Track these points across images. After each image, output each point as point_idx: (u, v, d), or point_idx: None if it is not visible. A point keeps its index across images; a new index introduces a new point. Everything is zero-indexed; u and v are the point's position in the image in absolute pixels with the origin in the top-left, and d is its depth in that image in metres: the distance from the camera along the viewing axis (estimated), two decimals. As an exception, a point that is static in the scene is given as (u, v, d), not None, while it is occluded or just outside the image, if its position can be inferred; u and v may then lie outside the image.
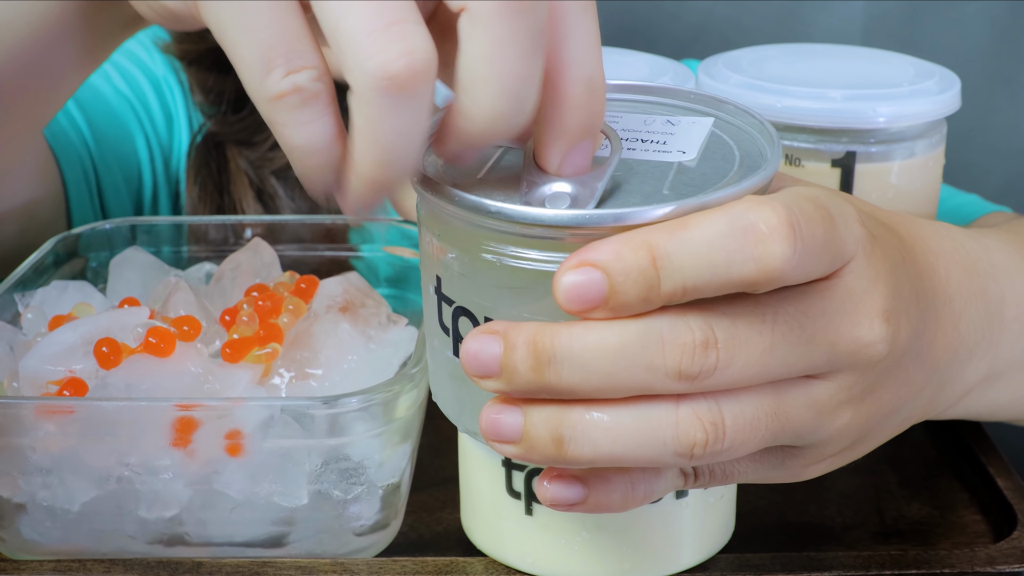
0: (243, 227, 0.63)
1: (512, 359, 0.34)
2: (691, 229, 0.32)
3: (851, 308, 0.35)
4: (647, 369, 0.33)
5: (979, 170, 1.12)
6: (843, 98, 0.52)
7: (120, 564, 0.47)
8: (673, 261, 0.32)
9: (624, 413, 0.34)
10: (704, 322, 0.33)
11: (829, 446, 0.38)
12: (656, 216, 0.33)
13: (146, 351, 0.48)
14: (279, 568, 0.47)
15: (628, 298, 0.32)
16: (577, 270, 0.32)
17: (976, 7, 1.08)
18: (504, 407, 0.35)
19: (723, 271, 0.32)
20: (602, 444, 0.34)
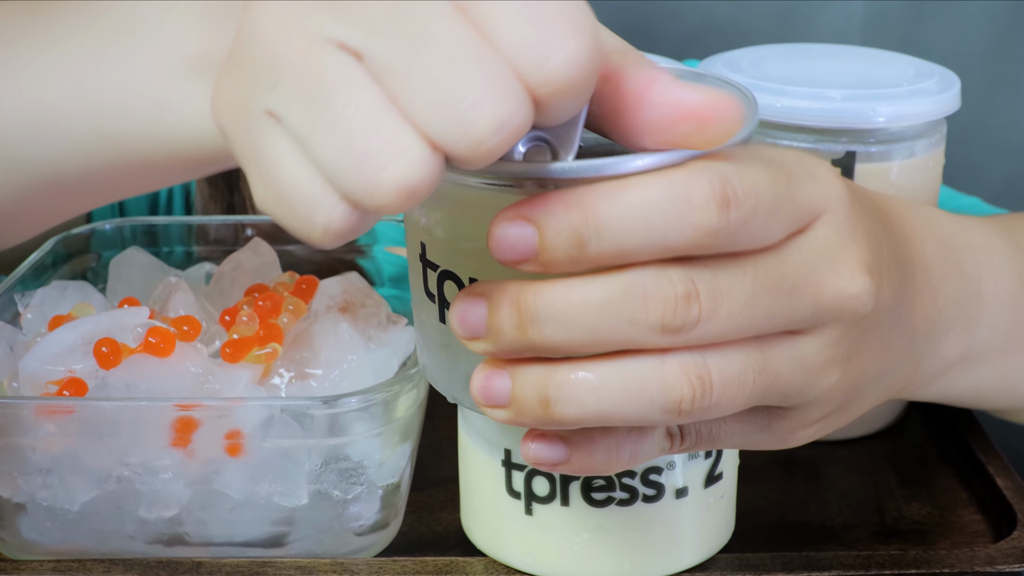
0: (243, 227, 0.63)
1: (497, 319, 0.34)
2: (629, 191, 0.32)
3: (831, 259, 0.35)
4: (631, 324, 0.33)
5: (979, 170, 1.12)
6: (843, 98, 0.52)
7: (120, 564, 0.47)
8: (609, 222, 0.32)
9: (610, 371, 0.34)
10: (685, 275, 0.33)
11: (816, 408, 0.38)
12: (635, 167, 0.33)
13: (146, 351, 0.48)
14: (279, 568, 0.47)
15: (557, 255, 0.32)
16: (511, 222, 0.33)
17: (976, 7, 1.08)
18: (493, 372, 0.35)
19: (660, 236, 0.32)
20: (589, 403, 0.34)
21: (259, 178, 0.34)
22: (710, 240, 0.32)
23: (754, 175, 0.33)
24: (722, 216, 0.32)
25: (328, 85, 0.31)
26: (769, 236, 0.34)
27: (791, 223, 0.35)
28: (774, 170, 0.34)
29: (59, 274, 0.60)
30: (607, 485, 0.44)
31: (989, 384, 0.48)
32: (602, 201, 0.32)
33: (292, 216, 0.33)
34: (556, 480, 0.45)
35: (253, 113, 0.33)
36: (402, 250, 0.63)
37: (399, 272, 0.63)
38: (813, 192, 0.35)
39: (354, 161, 0.30)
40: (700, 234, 0.32)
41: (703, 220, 0.32)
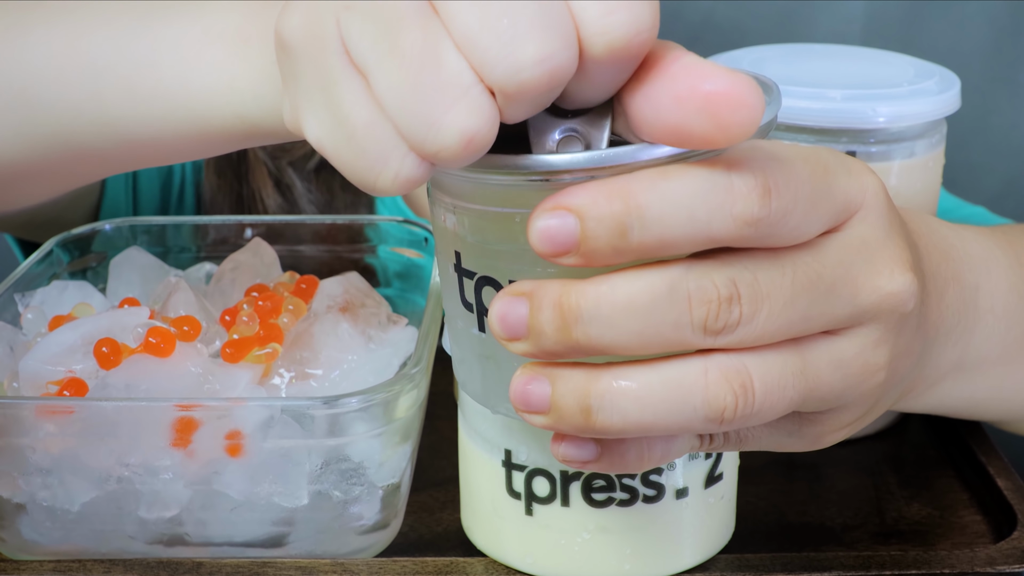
0: (244, 227, 0.63)
1: (539, 320, 0.33)
2: (671, 180, 0.32)
3: (869, 257, 0.35)
4: (675, 326, 0.33)
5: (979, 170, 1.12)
6: (843, 98, 0.52)
7: (120, 564, 0.47)
8: (652, 211, 0.32)
9: (653, 379, 0.33)
10: (727, 276, 0.33)
11: (850, 411, 0.37)
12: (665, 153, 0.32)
13: (146, 351, 0.48)
14: (279, 568, 0.47)
15: (600, 244, 0.32)
16: (551, 213, 0.32)
17: (976, 7, 1.08)
18: (532, 377, 0.34)
19: (702, 225, 0.32)
20: (631, 413, 0.33)
21: (328, 113, 0.34)
22: (751, 231, 0.32)
23: (793, 166, 0.33)
24: (764, 206, 0.32)
25: (397, 16, 0.31)
26: (808, 230, 0.34)
27: (829, 217, 0.34)
28: (812, 163, 0.34)
29: (59, 274, 0.60)
30: (607, 485, 0.44)
31: (982, 395, 0.48)
32: (644, 189, 0.32)
33: (361, 159, 0.33)
34: (556, 480, 0.45)
35: (328, 40, 0.33)
36: (407, 251, 0.63)
37: (404, 271, 0.63)
38: (849, 187, 0.35)
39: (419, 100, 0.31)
40: (742, 224, 0.32)
41: (745, 210, 0.32)
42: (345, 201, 0.78)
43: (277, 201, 0.77)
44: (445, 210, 0.38)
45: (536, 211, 0.32)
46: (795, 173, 0.33)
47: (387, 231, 0.63)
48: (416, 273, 0.62)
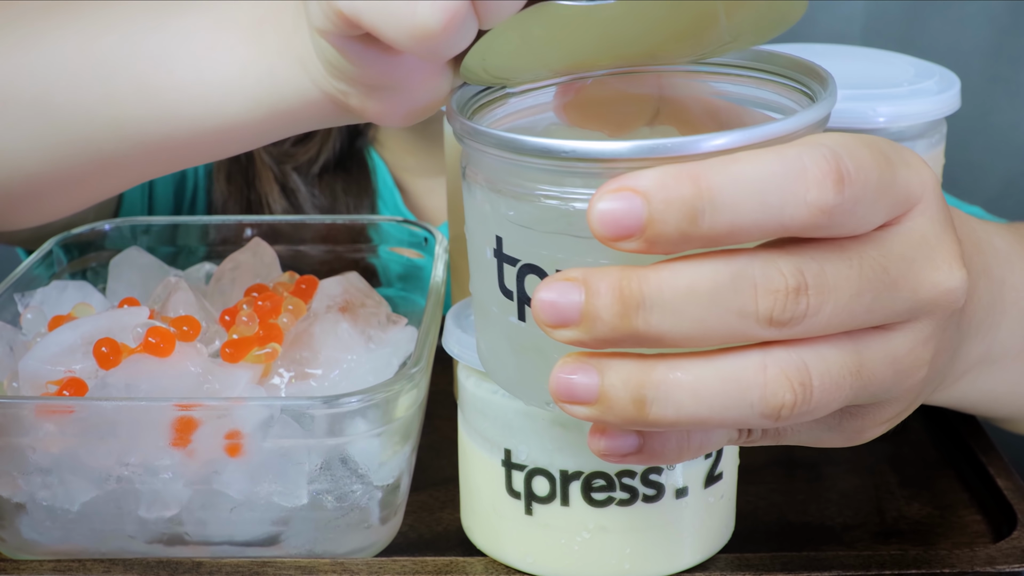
0: (244, 227, 0.63)
1: (595, 305, 0.32)
2: (743, 165, 0.31)
3: (928, 252, 0.34)
4: (739, 315, 0.32)
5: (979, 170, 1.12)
6: (843, 98, 0.52)
7: (120, 564, 0.47)
8: (722, 195, 0.31)
9: (710, 371, 0.32)
10: (795, 266, 0.32)
11: (893, 406, 0.37)
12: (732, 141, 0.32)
13: (146, 351, 0.48)
14: (279, 568, 0.47)
15: (667, 228, 0.31)
16: (616, 194, 0.31)
17: (976, 7, 1.08)
18: (579, 366, 0.33)
19: (776, 212, 0.31)
20: (687, 405, 0.32)
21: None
22: (824, 219, 0.31)
23: (861, 154, 0.32)
24: (838, 193, 0.31)
25: None
26: (873, 220, 0.33)
27: (893, 208, 0.34)
28: (875, 152, 0.33)
29: (59, 274, 0.60)
30: (607, 485, 0.44)
31: (1003, 388, 0.47)
32: (715, 173, 0.31)
33: None
34: (556, 480, 0.45)
35: None
36: (407, 251, 0.63)
37: (404, 271, 0.63)
38: (910, 178, 0.34)
39: None
40: (815, 212, 0.31)
41: (820, 197, 0.31)
42: (348, 204, 0.78)
43: (283, 205, 0.77)
44: (486, 191, 0.37)
45: (599, 192, 0.31)
46: (864, 160, 0.32)
47: (388, 231, 0.63)
48: (416, 273, 0.62)
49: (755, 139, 0.32)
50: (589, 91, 0.42)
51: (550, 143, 0.33)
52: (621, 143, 0.32)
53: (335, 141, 0.79)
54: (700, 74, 0.42)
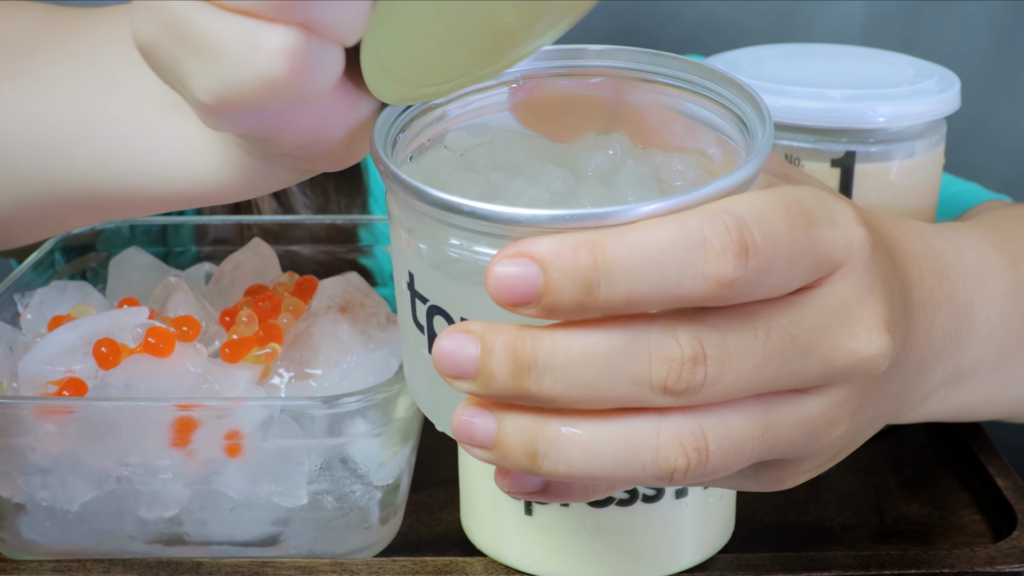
0: (244, 227, 0.63)
1: (489, 363, 0.32)
2: (641, 233, 0.30)
3: (847, 319, 0.33)
4: (632, 382, 0.31)
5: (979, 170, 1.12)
6: (842, 98, 0.52)
7: (120, 564, 0.47)
8: (619, 266, 0.30)
9: (603, 431, 0.32)
10: (693, 336, 0.31)
11: (811, 460, 0.36)
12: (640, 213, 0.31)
13: (145, 351, 0.48)
14: (279, 568, 0.47)
15: (563, 298, 0.30)
16: (513, 260, 0.31)
17: (976, 7, 1.08)
18: (478, 411, 0.33)
19: (673, 283, 0.30)
20: (578, 462, 0.32)
21: None
22: (726, 291, 0.31)
23: (773, 219, 0.31)
24: (739, 265, 0.30)
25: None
26: (785, 286, 0.32)
27: (809, 272, 0.33)
28: (793, 213, 0.32)
29: (59, 274, 0.60)
30: (607, 485, 0.44)
31: (976, 400, 0.47)
32: (613, 243, 0.30)
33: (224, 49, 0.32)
34: (556, 480, 0.45)
35: None
36: None
37: None
38: (833, 241, 0.33)
39: None
40: (715, 284, 0.30)
41: (719, 269, 0.30)
42: (340, 203, 0.78)
43: (272, 206, 0.77)
44: (401, 226, 0.37)
45: (497, 256, 0.31)
46: (775, 228, 0.31)
47: (383, 231, 0.63)
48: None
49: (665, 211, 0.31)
50: (543, 92, 0.42)
51: (452, 200, 0.32)
52: (523, 210, 0.32)
53: None
54: (658, 85, 0.41)
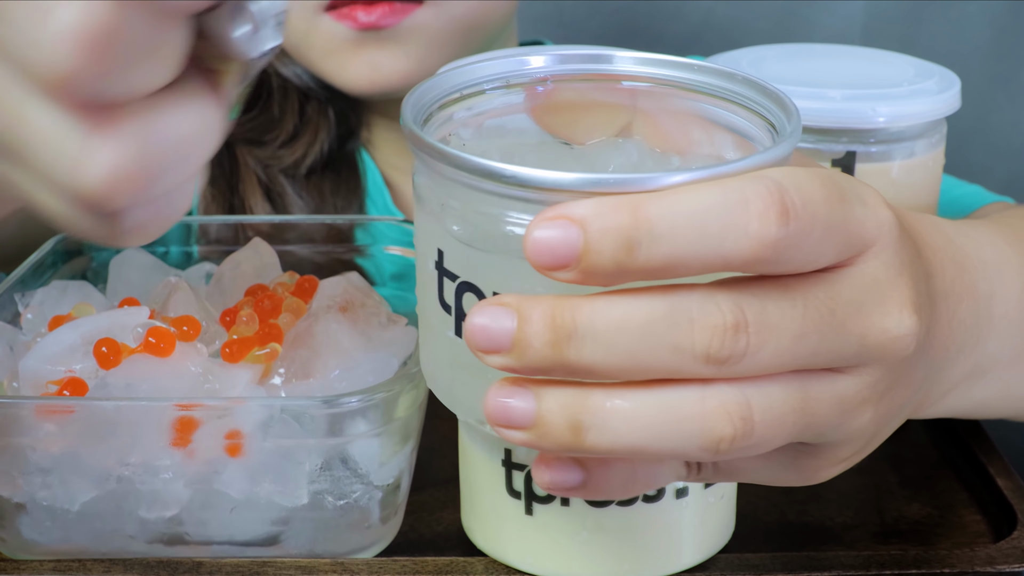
0: (244, 227, 0.63)
1: (527, 333, 0.31)
2: (682, 195, 0.30)
3: (880, 297, 0.33)
4: (674, 350, 0.31)
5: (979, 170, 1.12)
6: (843, 98, 0.52)
7: (120, 564, 0.47)
8: (660, 225, 0.30)
9: (648, 401, 0.32)
10: (734, 303, 0.31)
11: (846, 447, 0.37)
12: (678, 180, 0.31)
13: (146, 351, 0.48)
14: (279, 568, 0.47)
15: (603, 259, 0.30)
16: (552, 222, 0.30)
17: (976, 7, 1.08)
18: (515, 389, 0.33)
19: (715, 244, 0.30)
20: (623, 433, 0.32)
21: None
22: (767, 253, 0.31)
23: (811, 188, 0.32)
24: (781, 226, 0.30)
25: None
26: (821, 259, 0.32)
27: (843, 248, 0.33)
28: (829, 187, 0.32)
29: (59, 274, 0.60)
30: (607, 485, 0.44)
31: (995, 396, 0.47)
32: (654, 203, 0.30)
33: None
34: (556, 480, 0.45)
35: None
36: (402, 249, 0.63)
37: (400, 271, 0.63)
38: (865, 218, 0.33)
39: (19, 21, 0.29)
40: (758, 245, 0.30)
41: (762, 229, 0.30)
42: (335, 205, 0.78)
43: (266, 210, 0.77)
44: (432, 203, 0.37)
45: (535, 219, 0.31)
46: (813, 196, 0.31)
47: (382, 231, 0.63)
48: (412, 273, 0.62)
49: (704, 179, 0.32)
50: (560, 95, 0.42)
51: (490, 164, 0.32)
52: (563, 173, 0.32)
53: (323, 143, 0.79)
54: (676, 89, 0.41)
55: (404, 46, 0.71)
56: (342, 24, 0.70)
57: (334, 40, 0.71)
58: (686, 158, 0.40)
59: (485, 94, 0.41)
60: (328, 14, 0.71)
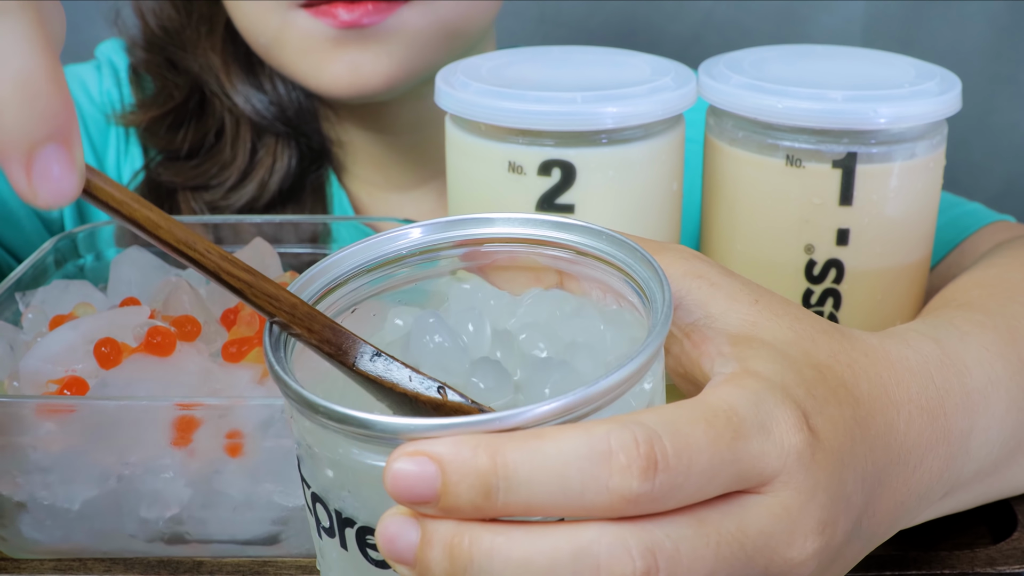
0: (244, 227, 0.63)
1: (426, 556, 0.31)
2: (545, 442, 0.30)
3: (788, 527, 0.33)
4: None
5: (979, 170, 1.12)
6: (844, 99, 0.52)
7: (121, 563, 0.47)
8: (520, 472, 0.29)
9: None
10: (646, 548, 0.30)
11: None
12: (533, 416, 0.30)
13: (147, 350, 0.48)
14: (279, 567, 0.47)
15: (460, 501, 0.30)
16: (411, 458, 0.30)
17: (976, 7, 1.09)
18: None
19: (575, 495, 0.30)
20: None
21: None
22: (630, 507, 0.30)
23: (690, 432, 0.31)
24: (645, 481, 0.30)
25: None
26: (702, 497, 0.31)
27: (734, 482, 0.32)
28: (718, 425, 0.31)
29: (59, 274, 0.60)
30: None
31: (969, 500, 0.46)
32: (513, 448, 0.30)
33: None
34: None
35: None
36: None
37: None
38: (764, 452, 0.32)
39: None
40: (618, 500, 0.30)
41: (622, 484, 0.29)
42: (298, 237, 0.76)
43: None
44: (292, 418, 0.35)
45: (396, 452, 0.30)
46: (691, 442, 0.30)
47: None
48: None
49: (569, 407, 0.31)
50: (502, 258, 0.41)
51: (348, 412, 0.31)
52: (417, 420, 0.31)
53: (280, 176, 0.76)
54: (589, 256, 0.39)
55: (387, 46, 0.67)
56: (320, 21, 0.66)
57: (310, 39, 0.67)
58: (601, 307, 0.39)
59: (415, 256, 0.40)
60: (305, 10, 0.67)
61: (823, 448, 0.34)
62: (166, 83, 0.78)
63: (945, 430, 0.41)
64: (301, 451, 0.35)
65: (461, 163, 0.54)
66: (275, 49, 0.70)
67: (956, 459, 0.41)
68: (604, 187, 0.51)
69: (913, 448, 0.39)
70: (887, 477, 0.38)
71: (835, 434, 0.35)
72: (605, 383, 0.31)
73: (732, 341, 0.36)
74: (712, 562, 0.31)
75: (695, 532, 0.31)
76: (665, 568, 0.30)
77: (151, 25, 0.79)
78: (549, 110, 0.50)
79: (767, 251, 0.55)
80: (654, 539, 0.30)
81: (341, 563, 0.36)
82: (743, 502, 0.32)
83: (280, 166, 0.76)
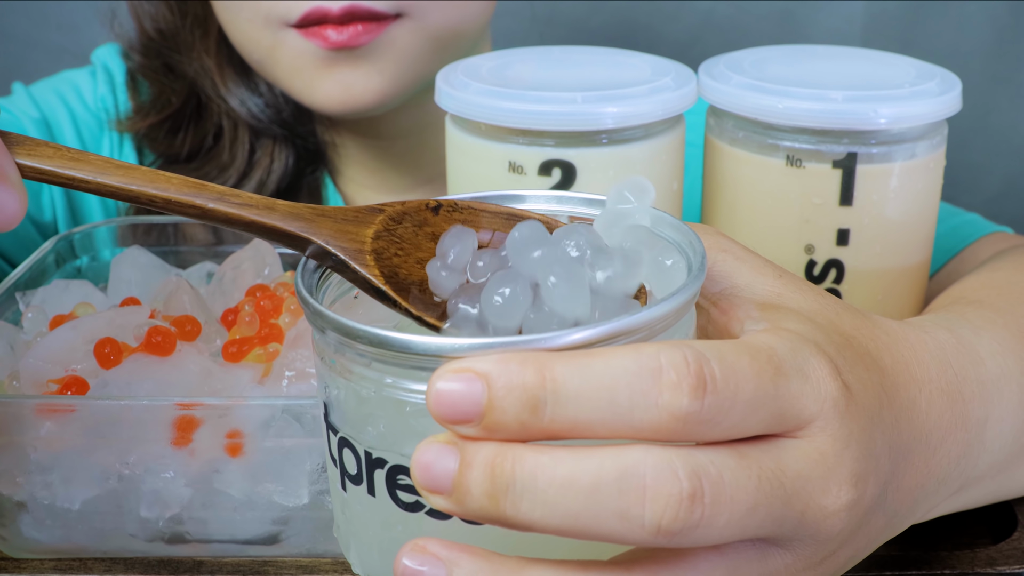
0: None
1: (466, 479, 0.29)
2: (594, 358, 0.29)
3: (823, 472, 0.32)
4: (621, 518, 0.29)
5: (979, 170, 1.12)
6: (844, 99, 0.52)
7: (121, 563, 0.47)
8: (568, 387, 0.29)
9: None
10: (692, 470, 0.29)
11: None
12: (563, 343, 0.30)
13: (147, 350, 0.48)
14: (280, 567, 0.47)
15: (506, 417, 0.29)
16: (456, 375, 0.29)
17: (976, 7, 1.08)
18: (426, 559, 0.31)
19: (624, 412, 0.29)
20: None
21: None
22: (679, 426, 0.29)
23: (736, 360, 0.30)
24: (695, 400, 0.29)
25: None
26: (744, 432, 0.31)
27: (774, 423, 0.32)
28: (761, 360, 0.31)
29: (60, 274, 0.60)
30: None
31: (981, 497, 0.46)
32: (563, 363, 0.29)
33: None
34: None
35: None
36: None
37: None
38: (803, 394, 0.32)
39: None
40: (668, 417, 0.29)
41: (673, 401, 0.29)
42: None
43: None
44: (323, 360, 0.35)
45: (439, 371, 0.29)
46: (738, 369, 0.30)
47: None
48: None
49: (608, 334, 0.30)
50: None
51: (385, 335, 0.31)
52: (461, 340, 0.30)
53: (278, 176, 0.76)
54: None
55: (377, 64, 0.68)
56: (311, 42, 0.67)
57: (301, 58, 0.68)
58: None
59: None
60: (296, 30, 0.67)
61: (856, 402, 0.34)
62: (163, 88, 0.78)
63: (963, 415, 0.40)
64: (330, 394, 0.34)
65: (461, 163, 0.54)
66: (268, 65, 0.71)
67: (972, 447, 0.41)
68: (604, 187, 0.51)
69: (934, 429, 0.39)
70: (910, 453, 0.38)
71: (865, 393, 0.35)
72: (652, 312, 0.31)
73: (760, 307, 0.36)
74: (754, 495, 0.30)
75: (737, 463, 0.30)
76: (710, 492, 0.29)
77: (147, 28, 0.79)
78: (549, 110, 0.50)
79: (767, 251, 0.55)
80: (699, 463, 0.30)
81: (367, 514, 0.34)
82: (781, 444, 0.32)
83: (278, 166, 0.76)
